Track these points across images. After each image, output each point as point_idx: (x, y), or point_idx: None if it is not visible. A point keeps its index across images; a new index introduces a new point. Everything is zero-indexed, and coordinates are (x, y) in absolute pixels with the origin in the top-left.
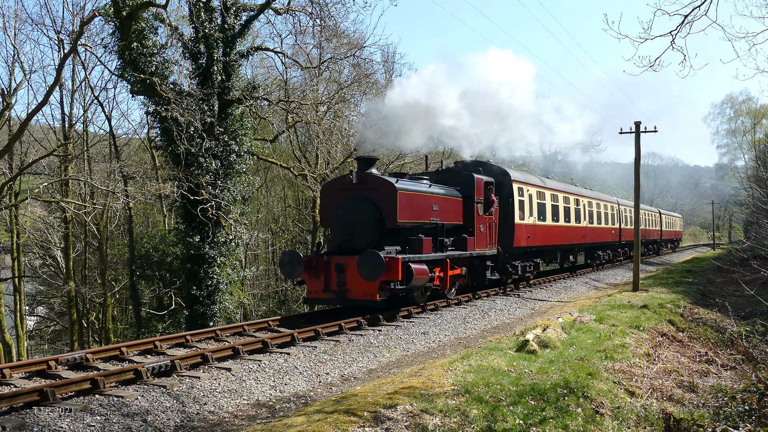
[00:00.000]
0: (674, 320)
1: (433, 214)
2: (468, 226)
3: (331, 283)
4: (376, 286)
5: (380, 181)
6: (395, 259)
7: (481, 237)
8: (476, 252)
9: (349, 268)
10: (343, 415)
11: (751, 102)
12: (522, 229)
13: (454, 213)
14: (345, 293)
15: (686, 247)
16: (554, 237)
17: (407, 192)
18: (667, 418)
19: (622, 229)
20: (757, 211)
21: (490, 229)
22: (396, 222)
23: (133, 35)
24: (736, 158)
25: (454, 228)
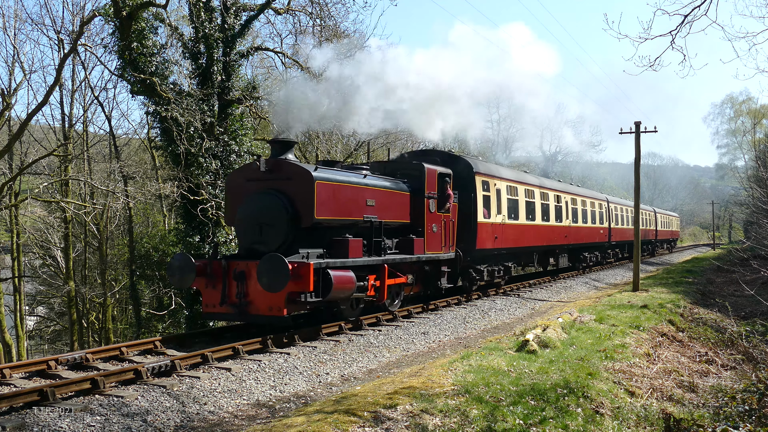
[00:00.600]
0: (674, 320)
1: (368, 211)
2: (417, 226)
3: (230, 295)
4: (282, 298)
5: (295, 170)
6: (305, 265)
7: (433, 238)
8: (426, 255)
9: (251, 276)
10: (343, 415)
11: (751, 102)
12: (487, 229)
13: (398, 209)
14: (246, 307)
15: (686, 247)
16: (529, 237)
17: (329, 183)
18: (667, 418)
19: (612, 229)
20: (757, 211)
21: (446, 229)
22: (313, 219)
23: (133, 35)
24: (736, 158)
25: (398, 227)
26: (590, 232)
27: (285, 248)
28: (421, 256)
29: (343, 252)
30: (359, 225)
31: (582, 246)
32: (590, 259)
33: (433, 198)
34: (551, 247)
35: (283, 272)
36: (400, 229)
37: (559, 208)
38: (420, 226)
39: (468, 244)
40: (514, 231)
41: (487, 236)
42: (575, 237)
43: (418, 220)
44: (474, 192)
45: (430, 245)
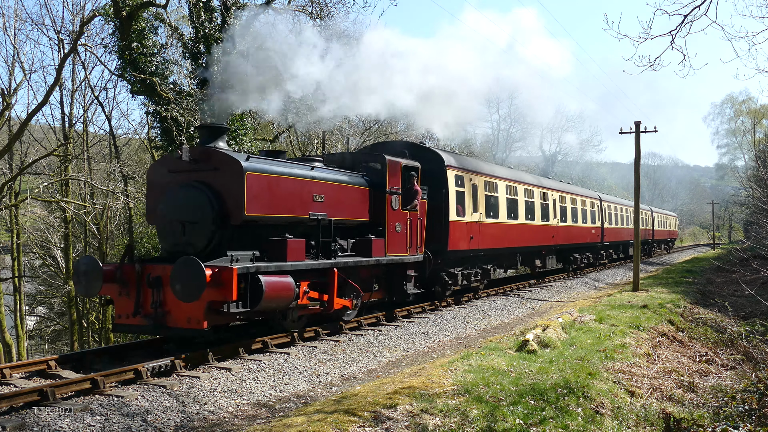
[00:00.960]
0: (674, 320)
1: (316, 207)
2: (377, 225)
3: (145, 304)
4: (202, 308)
5: (223, 159)
6: (227, 270)
7: (396, 238)
8: (387, 258)
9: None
10: (343, 415)
11: (751, 102)
12: (461, 229)
13: (354, 206)
14: (163, 318)
15: (686, 247)
16: (511, 238)
17: (264, 174)
18: (667, 418)
19: (605, 229)
20: (757, 211)
21: (413, 229)
22: (243, 216)
23: (133, 35)
24: (736, 158)
25: (355, 227)
26: (581, 232)
27: (210, 250)
28: (381, 258)
29: (280, 254)
30: (306, 224)
31: (572, 247)
32: (581, 260)
33: (397, 194)
34: (537, 248)
35: (199, 279)
36: (357, 228)
37: (545, 206)
38: (381, 225)
39: (439, 245)
40: (493, 231)
41: (461, 236)
42: (564, 237)
43: (379, 219)
44: (446, 188)
45: (393, 246)
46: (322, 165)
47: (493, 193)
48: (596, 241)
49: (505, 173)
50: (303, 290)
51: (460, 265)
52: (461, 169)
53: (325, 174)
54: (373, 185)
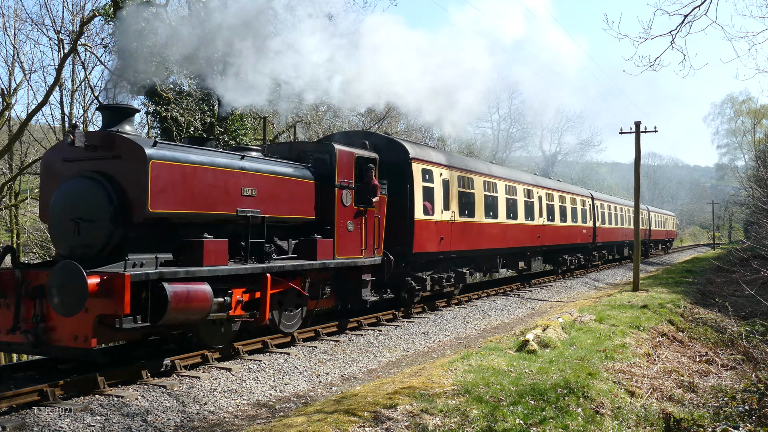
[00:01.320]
0: (674, 320)
1: (246, 203)
2: (324, 223)
3: (25, 318)
4: (90, 324)
5: (124, 145)
6: (118, 277)
7: (348, 239)
8: (336, 261)
9: None
10: (343, 415)
11: (751, 102)
12: (428, 229)
13: (295, 202)
14: (45, 335)
15: (686, 247)
16: (490, 239)
17: (175, 164)
18: (667, 418)
19: (597, 228)
20: (757, 211)
21: (369, 228)
22: (147, 212)
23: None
24: (736, 158)
25: (299, 225)
26: (570, 232)
27: (108, 253)
28: (328, 261)
29: (195, 257)
30: (234, 222)
31: (560, 248)
32: (572, 262)
33: (349, 188)
34: (520, 249)
35: (79, 289)
36: (301, 227)
37: (530, 204)
38: (329, 224)
39: (403, 246)
40: (468, 231)
41: (429, 237)
42: (551, 237)
43: (328, 217)
44: (411, 183)
45: (344, 247)
46: (259, 155)
47: (469, 189)
48: (587, 241)
49: (483, 168)
50: (236, 299)
51: (429, 269)
52: (430, 163)
53: (259, 165)
54: (321, 178)
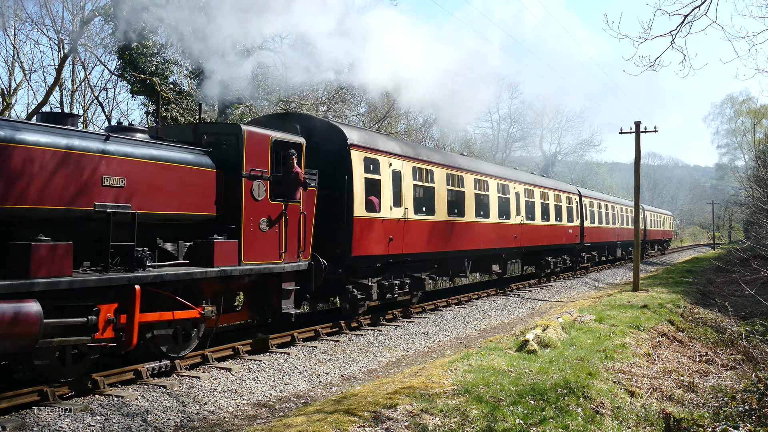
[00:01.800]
0: (674, 320)
1: (108, 195)
2: (231, 221)
3: None
4: None
5: None
6: None
7: (262, 240)
8: (244, 267)
9: None
10: (343, 415)
11: (751, 102)
12: (373, 228)
13: (188, 195)
14: None
15: (686, 247)
16: (454, 239)
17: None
18: (667, 418)
19: (585, 228)
20: (757, 211)
21: (290, 227)
22: None
23: (133, 35)
24: (736, 158)
25: (194, 224)
26: (554, 232)
27: None
28: (230, 268)
29: (21, 266)
30: (93, 219)
31: (542, 249)
32: (556, 264)
33: (262, 179)
34: (493, 251)
35: None
36: (199, 226)
37: (505, 201)
38: (235, 222)
39: (339, 248)
40: (425, 230)
41: (373, 237)
42: (530, 238)
43: (233, 213)
44: (349, 173)
45: (255, 251)
46: (145, 138)
47: (427, 183)
48: (574, 242)
49: (447, 159)
50: (105, 318)
51: (376, 275)
52: (375, 151)
53: (131, 149)
54: (225, 167)
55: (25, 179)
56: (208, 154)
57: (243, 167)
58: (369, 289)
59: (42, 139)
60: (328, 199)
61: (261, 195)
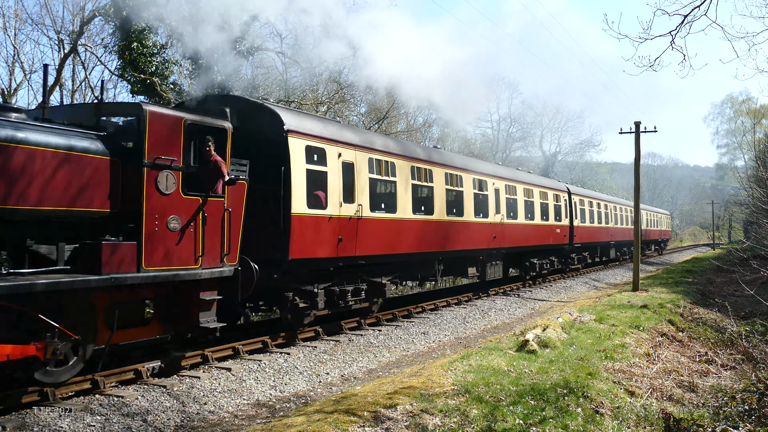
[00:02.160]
0: (674, 320)
1: None
2: (130, 219)
3: None
4: None
5: None
6: None
7: (171, 242)
8: (143, 275)
9: None
10: (343, 415)
11: (751, 102)
12: (317, 227)
13: (73, 187)
14: None
15: (686, 247)
16: (420, 240)
17: None
18: (667, 418)
19: (575, 228)
20: (757, 211)
21: (210, 226)
22: None
23: (133, 35)
24: (736, 158)
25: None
26: (539, 232)
27: None
28: (124, 275)
29: None
30: None
31: (526, 250)
32: (542, 266)
33: (171, 169)
34: (469, 253)
35: None
36: (90, 225)
37: (483, 198)
38: (136, 220)
39: (275, 250)
40: (385, 229)
41: (318, 237)
42: (512, 238)
43: (133, 209)
44: (287, 164)
45: (161, 254)
46: (22, 118)
47: (387, 177)
48: (563, 242)
49: (411, 151)
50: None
51: (324, 280)
52: (321, 139)
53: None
54: (123, 154)
55: None
56: (101, 139)
57: (145, 155)
58: (314, 296)
59: None
60: (262, 193)
61: (170, 188)
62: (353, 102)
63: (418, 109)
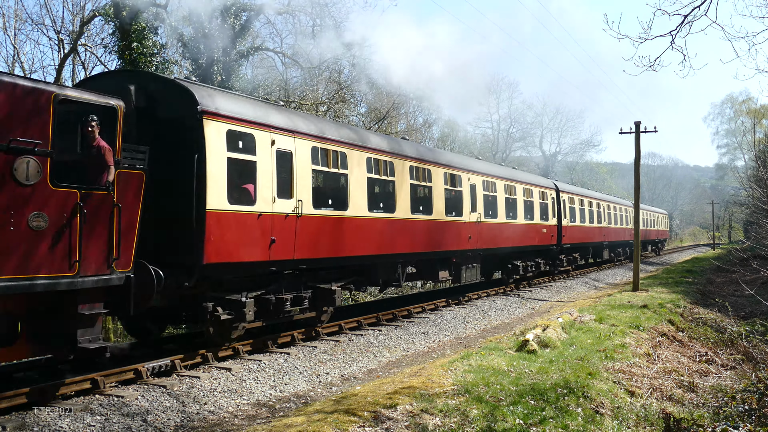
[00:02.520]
0: (674, 320)
1: None
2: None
3: None
4: None
5: None
6: None
7: (36, 243)
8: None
9: None
10: (343, 415)
11: (751, 102)
12: (242, 225)
13: None
14: None
15: (686, 247)
16: (382, 240)
17: None
18: (667, 418)
19: (563, 227)
20: (757, 211)
21: (91, 225)
22: None
23: (133, 35)
24: (736, 158)
25: None
26: (523, 232)
27: None
28: None
29: None
30: None
31: (508, 251)
32: (527, 268)
33: (35, 154)
34: (439, 255)
35: None
36: None
37: (456, 194)
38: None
39: (186, 253)
40: (333, 229)
41: (243, 238)
42: (491, 239)
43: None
44: (201, 151)
45: (19, 259)
46: None
47: (337, 169)
48: (550, 243)
49: (366, 140)
50: None
51: (255, 287)
52: (247, 123)
53: None
54: None
55: None
56: None
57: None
58: (242, 306)
59: None
60: (172, 186)
61: (33, 178)
62: (353, 102)
63: (418, 108)
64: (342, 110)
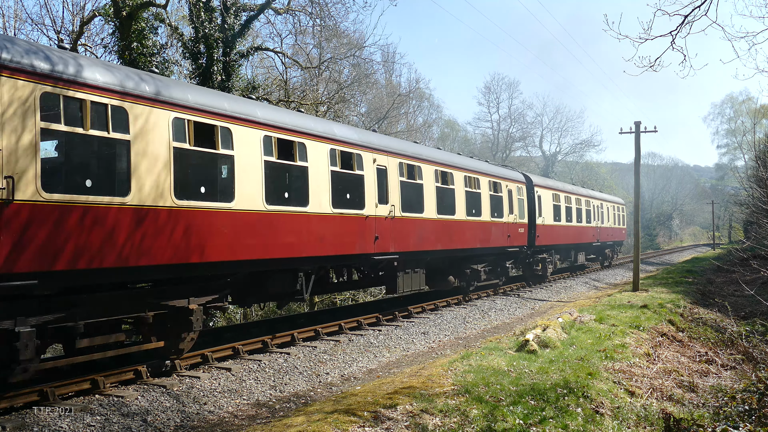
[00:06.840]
0: (674, 320)
1: None
2: None
3: None
4: None
5: None
6: None
7: None
8: None
9: None
10: (343, 415)
11: (751, 102)
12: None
13: None
14: None
15: (686, 247)
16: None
17: None
18: (667, 418)
19: (538, 227)
20: (757, 211)
21: None
22: None
23: (133, 35)
24: (736, 158)
25: None
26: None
27: None
28: None
29: None
30: None
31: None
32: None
33: None
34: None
35: None
36: None
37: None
38: None
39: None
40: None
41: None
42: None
43: None
44: None
45: None
46: None
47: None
48: (519, 244)
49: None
50: None
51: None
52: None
53: None
54: None
55: None
56: None
57: None
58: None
59: None
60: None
61: None
62: (353, 102)
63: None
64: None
